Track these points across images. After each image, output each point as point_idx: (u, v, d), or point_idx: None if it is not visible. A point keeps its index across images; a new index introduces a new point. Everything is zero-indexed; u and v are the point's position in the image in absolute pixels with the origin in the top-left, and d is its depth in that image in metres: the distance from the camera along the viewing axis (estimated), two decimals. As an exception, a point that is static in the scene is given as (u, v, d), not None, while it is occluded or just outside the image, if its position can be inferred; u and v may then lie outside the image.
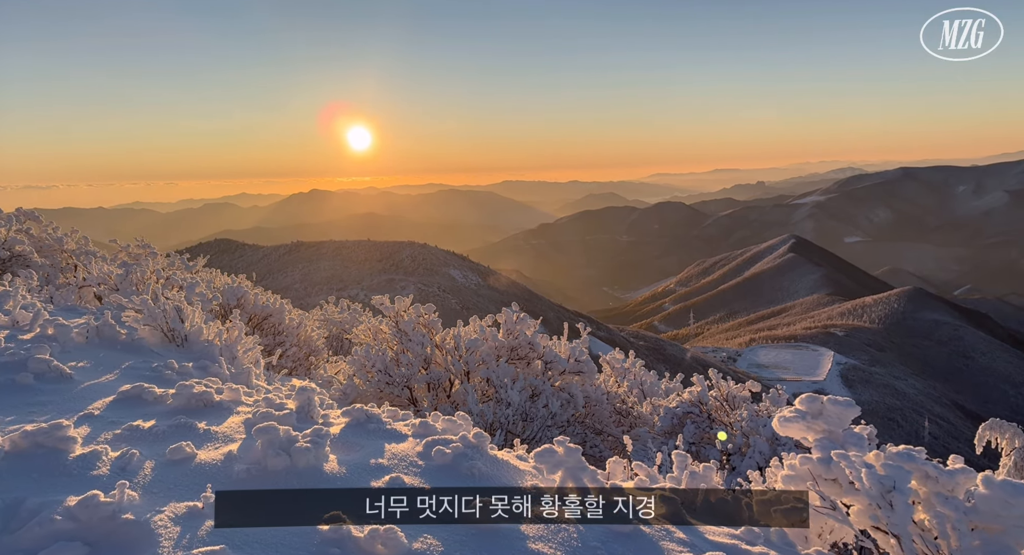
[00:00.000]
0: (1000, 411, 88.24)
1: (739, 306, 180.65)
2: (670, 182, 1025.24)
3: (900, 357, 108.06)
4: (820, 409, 4.33)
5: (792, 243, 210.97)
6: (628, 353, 13.20)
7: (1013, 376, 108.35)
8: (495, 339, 9.66)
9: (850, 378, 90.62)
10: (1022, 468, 19.30)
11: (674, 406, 9.07)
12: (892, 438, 71.17)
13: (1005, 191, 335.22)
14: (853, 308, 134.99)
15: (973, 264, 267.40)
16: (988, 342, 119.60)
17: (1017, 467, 19.43)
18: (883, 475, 3.34)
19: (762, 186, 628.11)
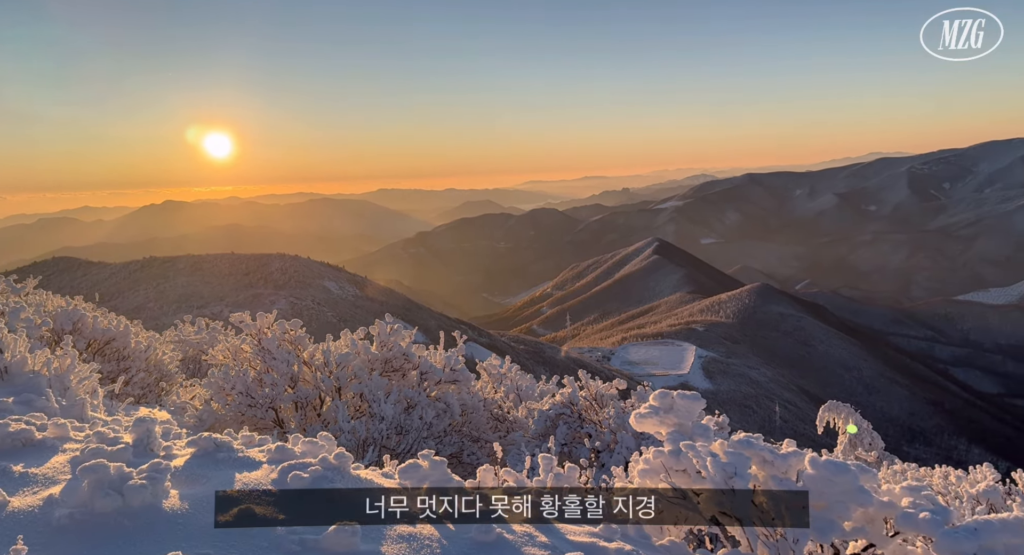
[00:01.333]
0: (837, 393, 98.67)
1: (611, 307, 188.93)
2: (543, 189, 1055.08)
3: (752, 348, 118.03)
4: (671, 404, 4.59)
5: (656, 246, 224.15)
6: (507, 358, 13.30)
7: (847, 361, 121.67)
8: (368, 352, 9.41)
9: (710, 370, 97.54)
10: (855, 443, 21.51)
11: (547, 408, 9.27)
12: (748, 424, 77.43)
13: (834, 194, 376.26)
14: (711, 305, 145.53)
15: (810, 261, 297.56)
16: (825, 331, 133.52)
17: (851, 443, 21.62)
18: (726, 462, 3.59)
19: (627, 192, 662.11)
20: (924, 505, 3.11)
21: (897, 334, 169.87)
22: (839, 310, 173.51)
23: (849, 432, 19.31)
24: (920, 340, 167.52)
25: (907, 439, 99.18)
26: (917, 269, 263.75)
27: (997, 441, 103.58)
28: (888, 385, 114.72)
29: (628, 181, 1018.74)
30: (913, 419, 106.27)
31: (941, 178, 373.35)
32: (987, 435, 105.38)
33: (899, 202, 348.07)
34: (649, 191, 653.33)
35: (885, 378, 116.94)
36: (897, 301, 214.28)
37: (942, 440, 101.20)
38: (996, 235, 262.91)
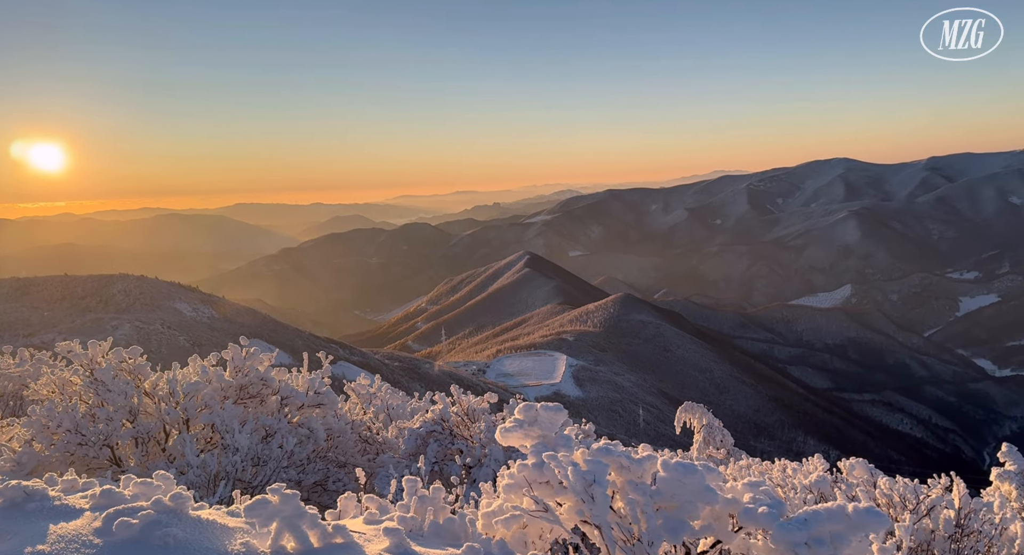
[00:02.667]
0: (693, 394, 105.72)
1: (486, 320, 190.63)
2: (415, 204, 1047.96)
3: (618, 355, 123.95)
4: (535, 416, 4.63)
5: (527, 259, 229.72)
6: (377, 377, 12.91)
7: (700, 363, 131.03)
8: (221, 379, 8.74)
9: (580, 378, 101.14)
10: (709, 440, 22.95)
11: (417, 427, 9.08)
12: (616, 428, 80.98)
13: (685, 209, 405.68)
14: (580, 315, 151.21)
15: (666, 271, 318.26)
16: (681, 336, 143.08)
17: (706, 440, 23.05)
18: (585, 471, 3.66)
19: (498, 207, 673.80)
20: (763, 500, 3.34)
21: (742, 337, 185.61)
22: (693, 316, 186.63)
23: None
24: (761, 342, 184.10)
25: (753, 434, 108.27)
26: (757, 277, 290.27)
27: (828, 431, 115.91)
28: (736, 384, 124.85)
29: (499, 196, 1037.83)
30: (758, 415, 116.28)
31: (775, 194, 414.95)
32: (820, 426, 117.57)
33: (740, 216, 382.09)
34: (519, 206, 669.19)
35: (733, 378, 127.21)
36: (741, 307, 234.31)
37: (783, 433, 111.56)
38: (821, 245, 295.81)
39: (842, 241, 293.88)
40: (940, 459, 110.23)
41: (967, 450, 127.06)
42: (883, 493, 4.90)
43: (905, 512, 4.58)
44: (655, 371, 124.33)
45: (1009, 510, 6.36)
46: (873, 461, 33.21)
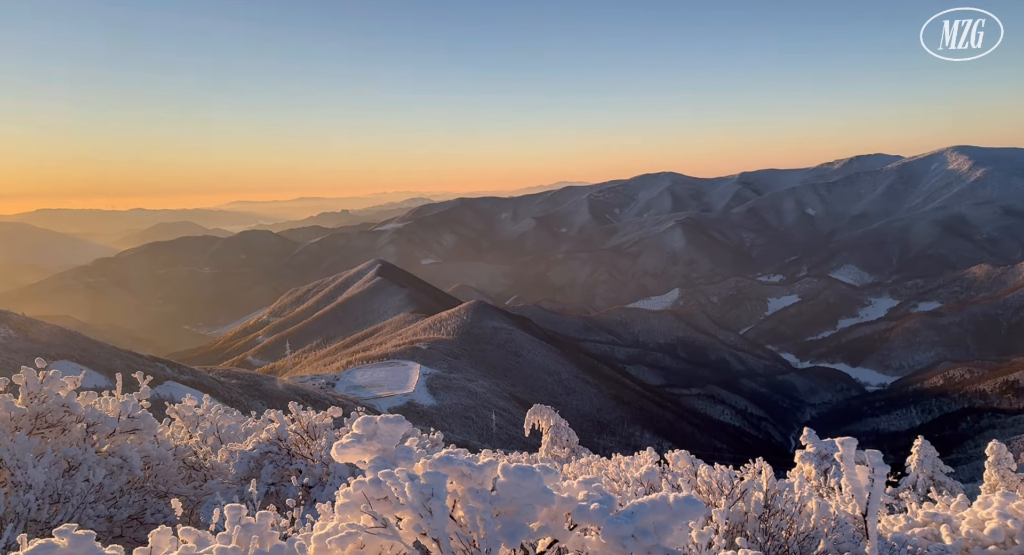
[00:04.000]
0: (542, 396, 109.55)
1: (335, 331, 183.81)
2: (253, 210, 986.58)
3: (471, 362, 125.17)
4: (375, 430, 4.46)
5: (379, 267, 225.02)
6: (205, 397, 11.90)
7: (549, 366, 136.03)
8: (11, 408, 7.56)
9: (434, 386, 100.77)
10: (556, 440, 23.71)
11: (251, 448, 8.45)
12: (469, 434, 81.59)
13: (533, 218, 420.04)
14: (433, 323, 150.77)
15: (516, 278, 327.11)
16: (532, 341, 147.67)
17: (553, 440, 23.79)
18: (424, 485, 3.58)
19: (347, 214, 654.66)
20: (595, 496, 3.46)
21: (587, 339, 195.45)
22: (541, 321, 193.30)
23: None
24: (604, 344, 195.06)
25: (597, 431, 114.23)
26: (599, 282, 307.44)
27: (662, 425, 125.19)
28: (582, 385, 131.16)
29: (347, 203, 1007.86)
30: (601, 413, 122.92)
31: (612, 204, 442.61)
32: (655, 421, 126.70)
33: (583, 225, 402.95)
34: (369, 213, 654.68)
35: (579, 379, 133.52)
36: (585, 311, 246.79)
37: (623, 429, 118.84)
38: (653, 252, 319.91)
39: (671, 248, 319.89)
40: (755, 445, 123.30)
41: (777, 436, 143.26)
42: (703, 481, 5.34)
43: (722, 497, 5.01)
44: (507, 376, 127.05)
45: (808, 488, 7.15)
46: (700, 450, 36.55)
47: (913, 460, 15.76)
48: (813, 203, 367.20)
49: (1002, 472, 16.69)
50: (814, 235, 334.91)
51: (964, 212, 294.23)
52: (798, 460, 9.35)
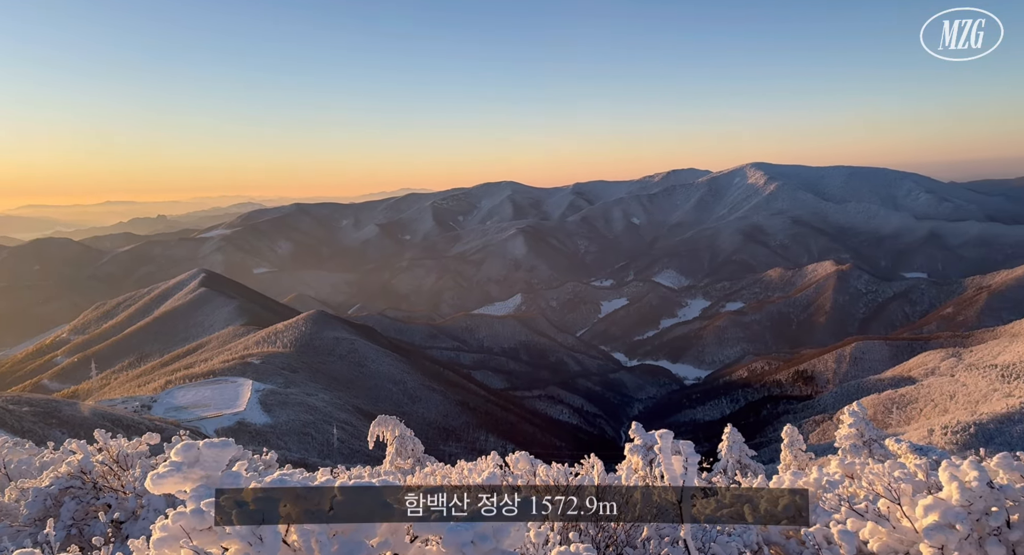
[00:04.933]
0: (387, 407, 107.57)
1: (152, 348, 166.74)
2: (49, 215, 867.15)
3: (311, 375, 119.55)
4: (196, 456, 4.12)
5: (203, 277, 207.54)
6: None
7: (395, 375, 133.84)
8: None
9: (268, 403, 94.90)
10: (401, 451, 23.34)
11: (47, 485, 7.41)
12: (308, 451, 77.90)
13: (376, 225, 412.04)
14: (267, 336, 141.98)
15: (359, 286, 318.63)
16: (376, 351, 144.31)
17: (398, 451, 23.39)
18: (255, 509, 3.38)
19: (164, 220, 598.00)
20: (435, 504, 3.48)
21: (433, 347, 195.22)
22: (386, 330, 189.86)
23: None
24: (449, 350, 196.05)
25: (443, 438, 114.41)
26: (444, 289, 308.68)
27: (506, 428, 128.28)
28: (428, 393, 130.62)
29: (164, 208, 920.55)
30: (447, 420, 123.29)
31: (456, 212, 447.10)
32: (499, 424, 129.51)
33: (427, 232, 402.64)
34: (191, 219, 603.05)
35: (425, 387, 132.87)
36: (431, 318, 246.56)
37: (469, 434, 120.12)
38: (496, 259, 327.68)
39: (512, 255, 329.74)
40: (590, 441, 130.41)
41: (610, 430, 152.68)
42: (542, 480, 5.58)
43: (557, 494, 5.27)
44: (350, 387, 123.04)
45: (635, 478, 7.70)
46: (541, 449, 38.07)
47: (724, 446, 17.59)
48: (638, 213, 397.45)
49: (795, 452, 19.16)
50: (639, 242, 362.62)
51: (761, 222, 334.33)
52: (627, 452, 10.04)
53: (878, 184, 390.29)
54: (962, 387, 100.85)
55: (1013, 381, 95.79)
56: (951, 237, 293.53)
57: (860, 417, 18.06)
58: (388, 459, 20.27)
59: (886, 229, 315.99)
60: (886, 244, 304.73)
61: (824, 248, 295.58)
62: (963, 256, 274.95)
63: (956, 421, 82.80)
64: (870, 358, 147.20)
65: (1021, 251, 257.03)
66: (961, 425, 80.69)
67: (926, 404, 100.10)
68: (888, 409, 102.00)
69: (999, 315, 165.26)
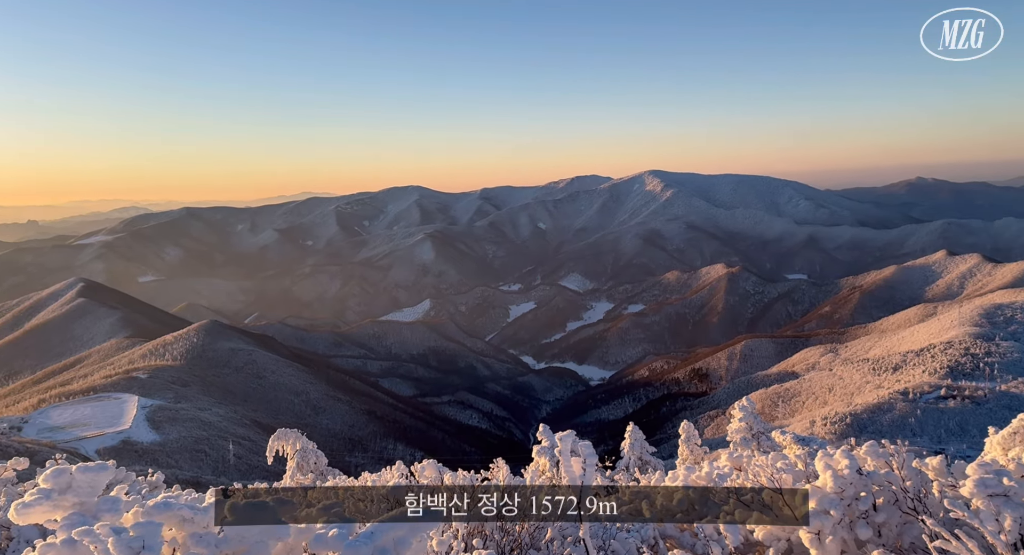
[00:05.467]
0: (288, 420, 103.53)
1: (23, 364, 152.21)
2: None
3: (204, 389, 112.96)
4: (68, 481, 3.80)
5: (81, 287, 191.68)
6: None
7: (296, 387, 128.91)
8: None
9: (157, 419, 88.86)
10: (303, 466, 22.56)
11: None
12: (202, 469, 73.54)
13: (275, 230, 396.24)
14: (155, 348, 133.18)
15: (257, 294, 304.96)
16: (276, 361, 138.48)
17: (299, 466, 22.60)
18: (133, 537, 3.15)
19: (35, 226, 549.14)
20: (335, 521, 3.38)
21: (338, 355, 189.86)
22: (287, 339, 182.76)
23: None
24: (355, 358, 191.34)
25: (349, 449, 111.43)
26: (349, 296, 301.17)
27: (414, 436, 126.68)
28: (332, 403, 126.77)
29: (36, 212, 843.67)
30: (353, 430, 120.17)
31: (361, 217, 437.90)
32: (407, 432, 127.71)
33: (331, 237, 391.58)
34: (66, 225, 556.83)
35: (329, 397, 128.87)
36: (336, 326, 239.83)
37: (376, 444, 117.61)
38: (404, 264, 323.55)
39: (420, 261, 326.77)
40: (500, 445, 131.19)
41: (518, 434, 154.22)
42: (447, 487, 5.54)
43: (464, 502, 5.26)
44: (248, 401, 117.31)
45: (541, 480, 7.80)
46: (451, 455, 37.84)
47: (626, 444, 18.19)
48: (544, 218, 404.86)
49: (691, 447, 20.10)
50: (545, 247, 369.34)
51: (659, 227, 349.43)
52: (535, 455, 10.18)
53: (763, 191, 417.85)
54: (839, 380, 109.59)
55: (883, 374, 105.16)
56: (827, 241, 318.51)
57: (749, 411, 19.21)
58: (288, 474, 19.52)
59: (770, 233, 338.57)
60: (770, 248, 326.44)
61: (716, 252, 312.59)
62: (838, 258, 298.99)
63: (834, 412, 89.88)
64: (758, 355, 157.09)
65: (888, 254, 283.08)
66: (839, 416, 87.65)
67: (808, 397, 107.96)
68: (775, 403, 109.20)
69: (870, 313, 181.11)
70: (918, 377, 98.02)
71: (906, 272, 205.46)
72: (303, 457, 20.28)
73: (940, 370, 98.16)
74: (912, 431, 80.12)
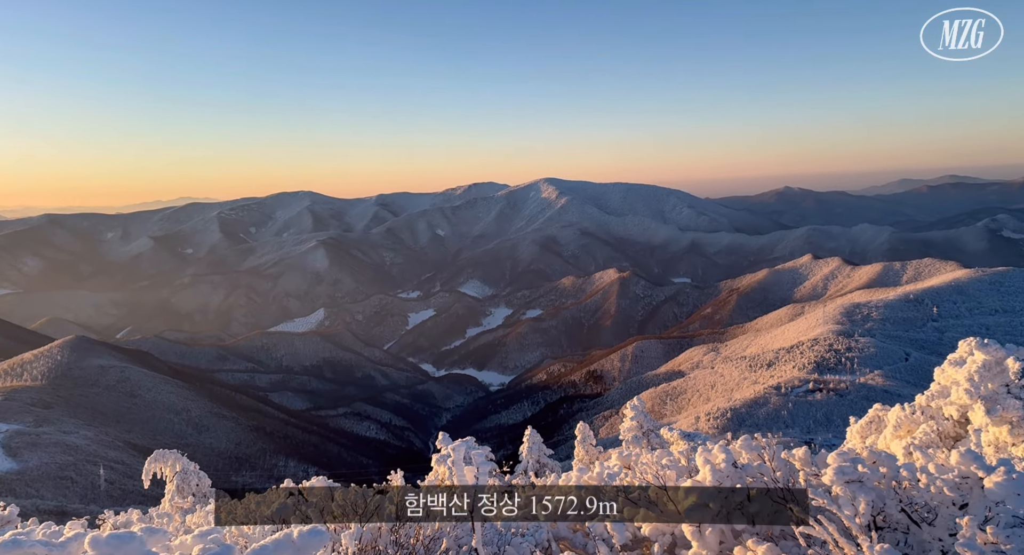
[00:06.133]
0: (168, 440, 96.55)
1: None
2: None
3: (70, 410, 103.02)
4: None
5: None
6: None
7: (176, 405, 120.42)
8: None
9: (14, 446, 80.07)
10: (183, 488, 21.13)
11: None
12: (68, 497, 67.06)
13: (150, 237, 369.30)
14: (11, 368, 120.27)
15: (131, 307, 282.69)
16: (153, 378, 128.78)
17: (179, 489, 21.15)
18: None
19: None
20: (212, 548, 3.17)
21: (223, 370, 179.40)
22: (165, 354, 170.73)
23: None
24: (242, 372, 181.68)
25: (235, 468, 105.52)
26: (235, 307, 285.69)
27: (307, 451, 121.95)
28: (216, 421, 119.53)
29: None
30: (239, 448, 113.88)
31: (247, 223, 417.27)
32: (300, 447, 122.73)
33: (214, 245, 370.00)
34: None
35: (213, 415, 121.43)
36: (220, 338, 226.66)
37: (265, 461, 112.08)
38: (295, 273, 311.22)
39: (313, 268, 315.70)
40: (399, 455, 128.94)
41: (418, 443, 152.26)
42: (338, 504, 5.37)
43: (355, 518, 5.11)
44: (121, 421, 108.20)
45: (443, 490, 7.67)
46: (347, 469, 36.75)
47: (524, 448, 18.41)
48: (442, 225, 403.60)
49: (586, 447, 20.67)
50: (444, 254, 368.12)
51: (555, 233, 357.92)
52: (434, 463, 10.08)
53: (650, 199, 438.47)
54: (720, 377, 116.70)
55: (758, 370, 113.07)
56: (708, 246, 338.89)
57: (640, 410, 20.03)
58: (167, 498, 18.21)
59: (657, 239, 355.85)
60: (657, 253, 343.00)
61: (608, 257, 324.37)
62: (718, 263, 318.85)
63: (717, 408, 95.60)
64: (648, 356, 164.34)
65: (761, 258, 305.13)
66: (720, 411, 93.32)
67: (693, 394, 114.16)
68: (663, 401, 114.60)
69: (747, 313, 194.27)
70: (789, 372, 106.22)
71: (777, 275, 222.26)
72: (183, 479, 18.99)
73: (808, 365, 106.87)
74: (785, 423, 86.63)
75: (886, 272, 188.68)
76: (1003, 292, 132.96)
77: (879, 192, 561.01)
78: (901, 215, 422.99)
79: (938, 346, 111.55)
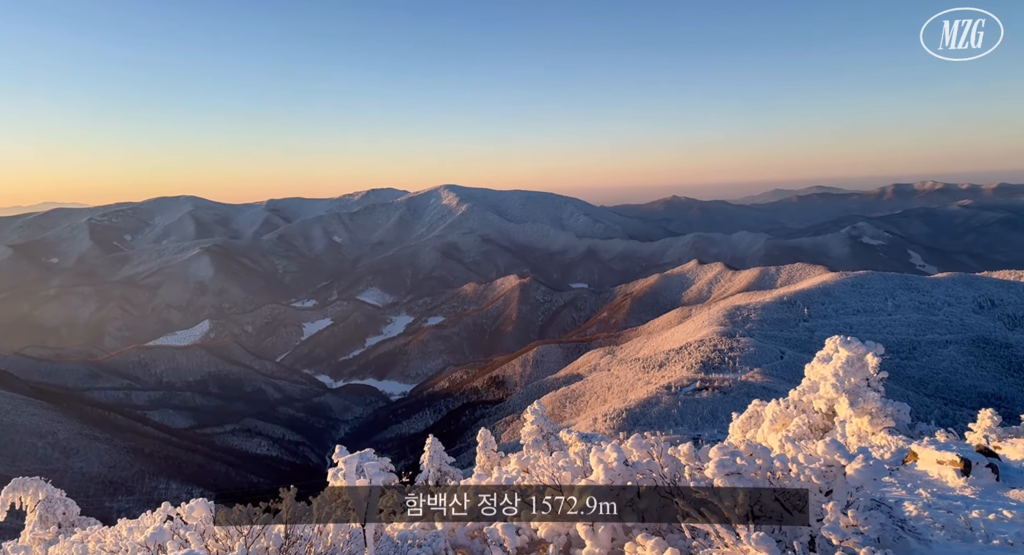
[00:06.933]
0: (31, 466, 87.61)
1: None
2: None
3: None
4: None
5: None
6: None
7: (40, 427, 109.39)
8: None
9: None
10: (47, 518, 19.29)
11: None
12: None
13: (8, 245, 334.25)
14: None
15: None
16: (12, 399, 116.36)
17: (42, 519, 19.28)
18: None
19: None
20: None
21: (94, 388, 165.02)
22: (27, 373, 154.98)
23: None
24: (117, 390, 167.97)
25: (110, 493, 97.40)
26: (108, 320, 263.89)
27: (191, 471, 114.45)
28: (87, 443, 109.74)
29: None
30: (114, 472, 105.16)
31: (122, 230, 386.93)
32: (183, 468, 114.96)
33: (83, 254, 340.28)
34: None
35: (84, 436, 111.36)
36: (91, 354, 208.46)
37: (144, 484, 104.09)
38: (177, 282, 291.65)
39: (197, 277, 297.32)
40: (293, 472, 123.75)
41: (314, 458, 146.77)
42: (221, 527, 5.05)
43: (239, 539, 4.82)
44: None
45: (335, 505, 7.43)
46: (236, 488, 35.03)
47: (425, 457, 18.19)
48: (339, 231, 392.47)
49: (488, 453, 20.71)
50: (342, 261, 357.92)
51: (456, 240, 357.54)
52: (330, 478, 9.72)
53: (548, 207, 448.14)
54: (616, 379, 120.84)
55: (651, 371, 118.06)
56: (603, 252, 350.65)
57: (540, 414, 20.33)
58: (27, 530, 16.51)
59: (555, 246, 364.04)
60: (556, 259, 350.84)
61: (509, 264, 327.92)
62: (613, 268, 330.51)
63: (613, 409, 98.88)
64: (548, 360, 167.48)
65: (652, 263, 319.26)
66: (616, 411, 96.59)
67: (591, 396, 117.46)
68: (563, 404, 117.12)
69: (640, 317, 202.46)
70: (679, 372, 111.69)
71: (667, 280, 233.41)
72: (47, 508, 17.27)
73: (696, 365, 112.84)
74: (675, 421, 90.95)
75: (763, 276, 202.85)
76: (863, 293, 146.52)
77: (755, 201, 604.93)
78: (775, 223, 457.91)
79: (809, 344, 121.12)
